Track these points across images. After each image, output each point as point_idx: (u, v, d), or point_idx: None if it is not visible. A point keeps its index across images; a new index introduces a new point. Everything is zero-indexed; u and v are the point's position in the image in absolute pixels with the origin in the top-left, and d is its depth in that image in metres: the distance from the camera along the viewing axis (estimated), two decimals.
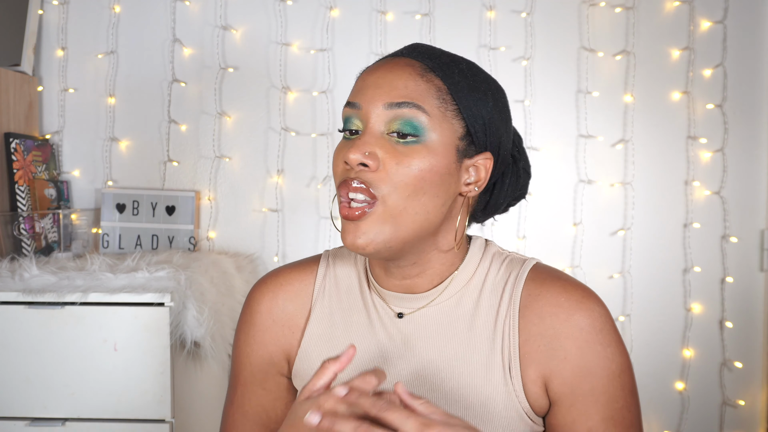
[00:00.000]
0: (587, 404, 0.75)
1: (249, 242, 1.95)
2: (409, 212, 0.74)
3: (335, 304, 0.87)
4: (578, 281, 0.80)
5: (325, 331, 0.86)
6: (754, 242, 1.94)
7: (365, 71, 0.80)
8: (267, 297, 0.89)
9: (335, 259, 0.90)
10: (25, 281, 1.37)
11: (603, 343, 0.75)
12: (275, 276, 0.91)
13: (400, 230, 0.74)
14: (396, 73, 0.76)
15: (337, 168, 0.77)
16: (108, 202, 1.88)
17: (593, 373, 0.75)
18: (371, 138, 0.74)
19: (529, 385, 0.77)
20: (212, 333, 1.42)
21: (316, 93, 1.93)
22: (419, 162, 0.74)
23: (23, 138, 1.74)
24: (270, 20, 1.93)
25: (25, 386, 1.36)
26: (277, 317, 0.88)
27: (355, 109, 0.77)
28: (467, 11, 1.93)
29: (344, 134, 0.79)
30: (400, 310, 0.82)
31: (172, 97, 1.93)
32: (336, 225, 0.95)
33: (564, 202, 1.95)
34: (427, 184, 0.74)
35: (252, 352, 0.89)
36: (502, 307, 0.79)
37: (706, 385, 1.94)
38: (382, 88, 0.75)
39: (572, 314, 0.76)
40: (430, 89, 0.76)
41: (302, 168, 1.94)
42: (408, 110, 0.74)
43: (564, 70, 1.93)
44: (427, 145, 0.74)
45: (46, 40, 1.93)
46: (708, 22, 1.92)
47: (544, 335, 0.76)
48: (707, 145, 1.93)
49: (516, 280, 0.80)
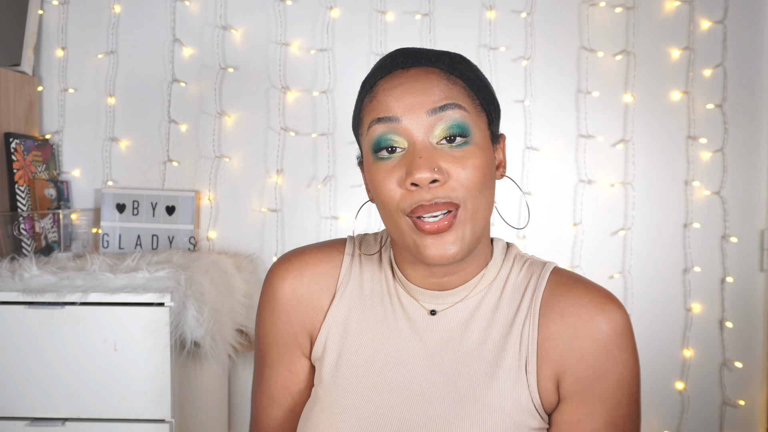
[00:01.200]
0: (594, 406, 0.76)
1: (249, 242, 1.95)
2: (481, 209, 0.76)
3: (360, 293, 0.86)
4: (600, 285, 0.81)
5: (346, 318, 0.86)
6: (754, 242, 1.94)
7: (382, 87, 0.77)
8: (291, 275, 0.87)
9: (360, 244, 0.90)
10: (25, 281, 1.37)
11: (621, 348, 0.76)
12: (301, 255, 0.89)
13: (477, 228, 0.76)
14: (426, 81, 0.76)
15: (392, 193, 0.74)
16: (108, 202, 1.88)
17: (605, 377, 0.76)
18: (426, 152, 0.73)
19: (543, 381, 0.78)
20: (212, 333, 1.42)
21: (316, 93, 1.93)
22: (477, 160, 0.75)
23: (23, 138, 1.74)
24: (270, 20, 1.93)
25: (25, 386, 1.36)
26: (302, 297, 0.87)
27: (391, 124, 0.74)
28: (467, 11, 1.93)
29: (378, 155, 0.76)
30: (433, 307, 0.82)
31: (172, 97, 1.93)
32: (357, 242, 0.92)
33: (564, 202, 1.95)
34: (487, 178, 0.76)
35: (278, 332, 0.87)
36: (523, 306, 0.80)
37: (706, 385, 1.94)
38: (418, 95, 0.74)
39: (594, 316, 0.77)
40: (459, 89, 0.77)
41: (302, 168, 1.94)
42: (452, 111, 0.74)
43: (564, 70, 1.93)
44: (475, 143, 0.76)
45: (46, 40, 1.93)
46: (708, 22, 1.92)
47: (564, 334, 0.77)
48: (707, 145, 1.93)
49: (538, 281, 0.82)
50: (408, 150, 0.74)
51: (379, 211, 0.80)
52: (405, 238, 0.76)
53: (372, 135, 0.76)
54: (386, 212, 0.77)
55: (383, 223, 0.80)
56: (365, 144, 0.79)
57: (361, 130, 0.81)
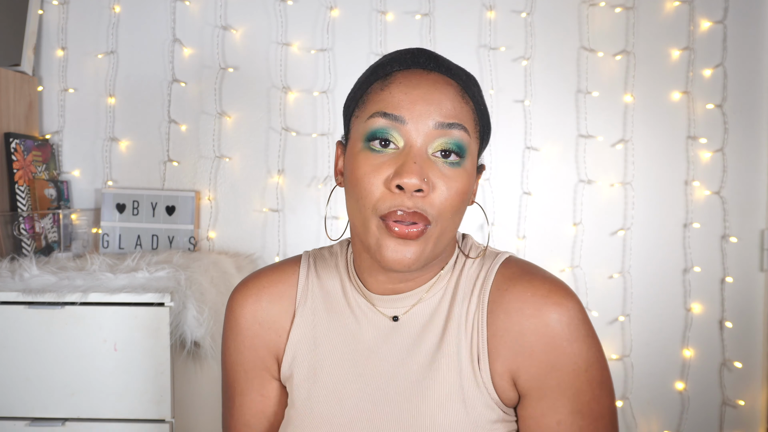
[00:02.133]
0: (555, 398, 0.76)
1: (249, 242, 1.95)
2: (448, 231, 0.77)
3: (319, 306, 0.86)
4: (549, 275, 0.80)
5: (309, 334, 0.85)
6: (754, 242, 1.94)
7: (399, 81, 0.77)
8: (250, 301, 0.87)
9: (316, 261, 0.90)
10: (25, 281, 1.37)
11: (569, 338, 0.76)
12: (256, 279, 0.89)
13: (439, 247, 0.77)
14: (442, 92, 0.76)
15: (373, 188, 0.74)
16: (108, 202, 1.88)
17: (558, 369, 0.76)
18: (421, 160, 0.73)
19: (497, 378, 0.78)
20: (212, 333, 1.42)
21: (317, 93, 1.93)
22: (461, 185, 0.75)
23: (23, 138, 1.74)
24: (270, 20, 1.93)
25: (25, 386, 1.36)
26: (263, 320, 0.87)
27: (396, 123, 0.74)
28: (467, 11, 1.93)
29: (370, 144, 0.75)
30: (393, 312, 0.82)
31: (172, 97, 1.93)
32: (328, 232, 0.95)
33: (564, 202, 1.95)
34: (463, 204, 0.77)
35: (245, 359, 0.88)
36: (473, 301, 0.80)
37: (706, 385, 1.94)
38: (432, 105, 0.75)
39: (538, 310, 0.76)
40: (468, 112, 0.78)
41: (303, 168, 1.94)
42: (457, 131, 0.75)
43: (564, 70, 1.93)
44: (465, 167, 0.76)
45: (46, 40, 1.93)
46: (708, 22, 1.92)
47: (510, 331, 0.77)
48: (707, 145, 1.93)
49: (486, 275, 0.81)
50: (403, 151, 0.74)
51: (348, 201, 0.79)
52: (369, 236, 0.75)
53: (371, 124, 0.75)
54: (359, 206, 0.76)
55: (348, 212, 0.80)
56: (358, 128, 0.78)
57: (358, 112, 0.80)
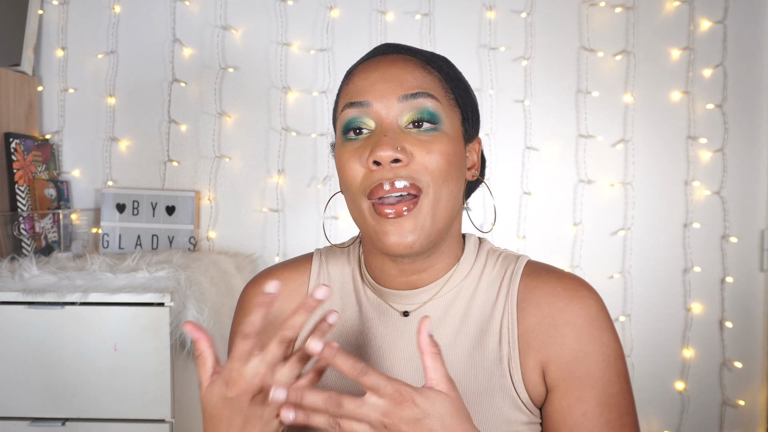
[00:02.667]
0: (583, 389, 0.76)
1: (249, 242, 1.95)
2: (443, 200, 0.75)
3: (330, 304, 0.86)
4: (571, 273, 0.83)
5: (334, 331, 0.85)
6: (754, 242, 1.94)
7: (359, 71, 0.79)
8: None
9: (327, 258, 0.90)
10: (25, 281, 1.37)
11: (599, 328, 0.77)
12: (269, 275, 0.89)
13: (437, 220, 0.75)
14: (400, 67, 0.77)
15: (354, 173, 0.75)
16: (108, 202, 1.88)
17: (589, 359, 0.76)
18: (393, 133, 0.74)
19: (528, 373, 0.78)
20: (212, 333, 1.42)
21: (317, 93, 1.93)
22: (444, 147, 0.75)
23: (23, 138, 1.74)
24: (270, 20, 1.93)
25: (25, 386, 1.36)
26: (273, 318, 0.86)
27: (363, 108, 0.75)
28: (467, 11, 1.93)
29: (347, 136, 0.76)
30: (405, 308, 0.82)
31: (172, 97, 1.93)
32: (326, 233, 0.94)
33: (564, 202, 1.95)
34: (453, 169, 0.76)
35: None
36: (499, 301, 0.80)
37: (706, 385, 1.94)
38: (391, 82, 0.75)
39: (569, 302, 0.78)
40: (434, 80, 0.78)
41: (303, 168, 1.94)
42: (423, 99, 0.75)
43: (564, 70, 1.93)
44: (444, 131, 0.76)
45: (46, 40, 1.93)
46: (708, 22, 1.92)
47: (542, 324, 0.78)
48: (707, 145, 1.93)
49: (512, 275, 0.82)
50: (374, 130, 0.75)
51: (345, 199, 0.79)
52: (367, 225, 0.76)
53: (343, 118, 0.76)
54: (350, 195, 0.77)
55: (349, 211, 0.80)
56: (338, 127, 0.79)
57: (336, 116, 0.81)
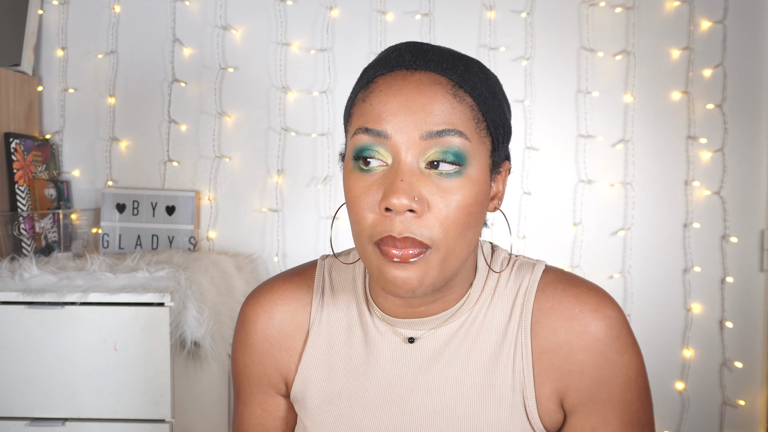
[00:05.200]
0: (605, 412, 0.74)
1: (249, 242, 1.95)
2: (457, 250, 0.68)
3: (334, 325, 0.82)
4: (591, 285, 0.76)
5: (323, 356, 0.82)
6: (754, 242, 1.94)
7: (379, 90, 0.68)
8: (262, 317, 0.83)
9: (331, 273, 0.85)
10: (25, 281, 1.37)
11: (620, 350, 0.73)
12: (269, 292, 0.84)
13: (447, 269, 0.69)
14: (427, 94, 0.66)
15: (364, 213, 0.67)
16: (108, 202, 1.88)
17: (610, 383, 0.73)
18: (411, 176, 0.65)
19: (544, 401, 0.74)
20: (212, 333, 1.42)
21: (316, 93, 1.93)
22: (464, 197, 0.66)
23: (23, 138, 1.74)
24: (270, 20, 1.93)
25: (25, 386, 1.36)
26: (274, 339, 0.83)
27: (379, 138, 0.66)
28: (467, 11, 1.93)
29: (358, 163, 0.68)
30: (411, 334, 0.77)
31: (172, 97, 1.93)
32: (332, 243, 0.94)
33: (564, 202, 1.95)
34: (472, 218, 0.68)
35: (250, 373, 0.85)
36: (512, 322, 0.76)
37: (706, 385, 1.94)
38: (415, 114, 0.65)
39: (587, 326, 0.72)
40: (465, 110, 0.67)
41: (302, 168, 1.94)
42: (450, 138, 0.66)
43: (564, 70, 1.93)
44: (468, 175, 0.67)
45: (46, 40, 1.93)
46: (708, 22, 1.92)
47: (558, 351, 0.73)
48: (707, 145, 1.93)
49: (527, 292, 0.76)
50: (391, 168, 0.66)
51: (350, 218, 0.72)
52: (370, 264, 0.69)
53: (356, 142, 0.68)
54: (355, 231, 0.70)
55: (353, 235, 0.73)
56: (349, 145, 0.72)
57: (348, 126, 0.73)
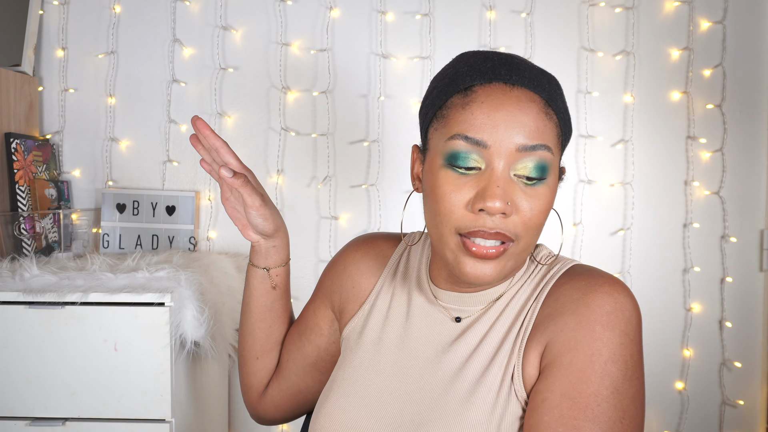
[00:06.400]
0: (557, 376, 0.72)
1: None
2: (530, 246, 0.78)
3: (399, 287, 0.92)
4: (615, 277, 0.80)
5: (382, 311, 0.92)
6: (754, 242, 1.94)
7: (481, 101, 0.75)
8: (352, 250, 1.00)
9: (411, 243, 0.97)
10: (26, 281, 1.37)
11: (605, 324, 0.73)
12: (366, 240, 1.01)
13: (519, 262, 0.79)
14: (525, 112, 0.74)
15: (453, 207, 0.75)
16: (108, 202, 1.88)
17: (578, 349, 0.72)
18: (504, 183, 0.73)
19: (527, 367, 0.77)
20: (212, 333, 1.42)
21: (316, 93, 1.93)
22: (545, 202, 0.76)
23: (23, 138, 1.74)
24: (270, 20, 1.93)
25: (25, 386, 1.36)
26: (352, 271, 0.98)
27: (478, 147, 0.74)
28: (467, 11, 1.93)
29: (451, 164, 0.75)
30: (457, 313, 0.85)
31: (172, 97, 1.93)
32: (407, 242, 1.00)
33: (564, 202, 1.95)
34: (545, 218, 0.78)
35: (323, 281, 1.03)
36: (530, 300, 0.81)
37: (706, 385, 1.95)
38: (514, 128, 0.73)
39: (585, 294, 0.76)
40: (552, 128, 0.76)
41: (302, 168, 1.94)
42: (541, 152, 0.74)
43: (564, 70, 1.93)
44: (548, 183, 0.76)
45: (46, 40, 1.93)
46: (708, 22, 1.92)
47: (552, 314, 0.77)
48: (707, 145, 1.93)
49: (551, 278, 0.82)
50: (485, 173, 0.74)
51: (426, 211, 0.81)
52: (446, 251, 0.77)
53: (453, 146, 0.75)
54: (436, 221, 0.77)
55: (425, 220, 0.81)
56: (438, 143, 0.77)
57: (437, 124, 0.79)
